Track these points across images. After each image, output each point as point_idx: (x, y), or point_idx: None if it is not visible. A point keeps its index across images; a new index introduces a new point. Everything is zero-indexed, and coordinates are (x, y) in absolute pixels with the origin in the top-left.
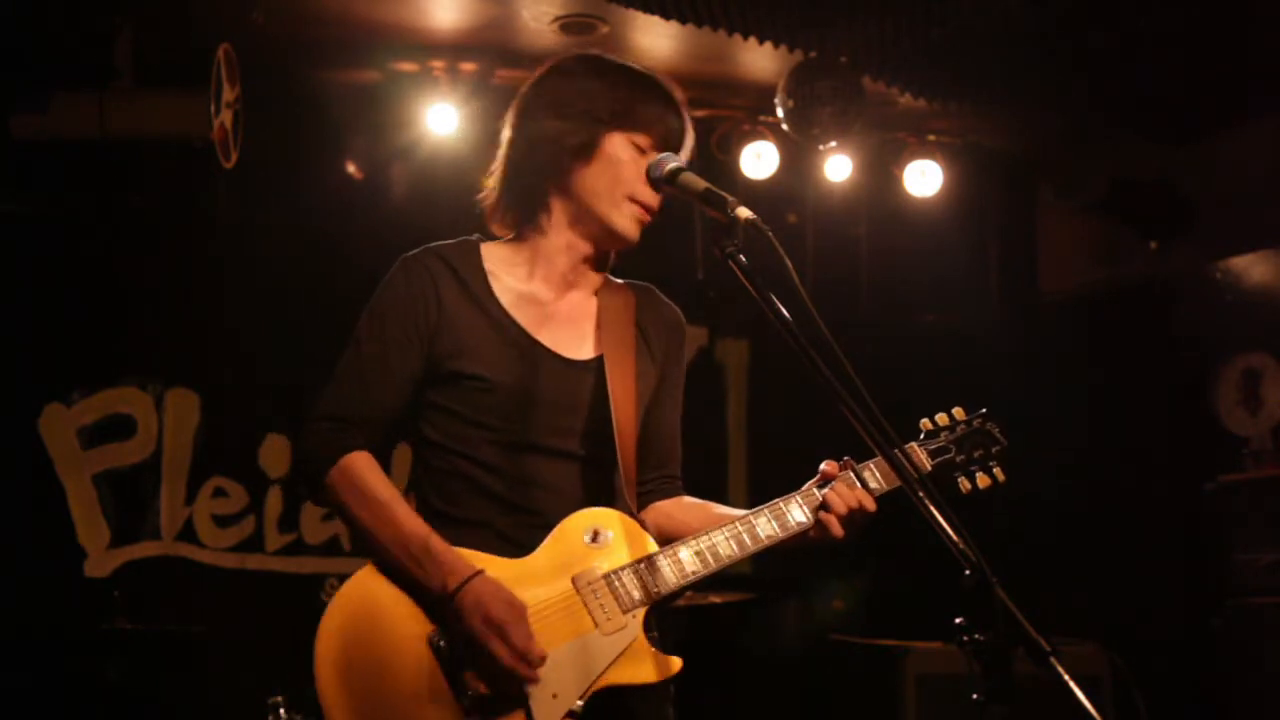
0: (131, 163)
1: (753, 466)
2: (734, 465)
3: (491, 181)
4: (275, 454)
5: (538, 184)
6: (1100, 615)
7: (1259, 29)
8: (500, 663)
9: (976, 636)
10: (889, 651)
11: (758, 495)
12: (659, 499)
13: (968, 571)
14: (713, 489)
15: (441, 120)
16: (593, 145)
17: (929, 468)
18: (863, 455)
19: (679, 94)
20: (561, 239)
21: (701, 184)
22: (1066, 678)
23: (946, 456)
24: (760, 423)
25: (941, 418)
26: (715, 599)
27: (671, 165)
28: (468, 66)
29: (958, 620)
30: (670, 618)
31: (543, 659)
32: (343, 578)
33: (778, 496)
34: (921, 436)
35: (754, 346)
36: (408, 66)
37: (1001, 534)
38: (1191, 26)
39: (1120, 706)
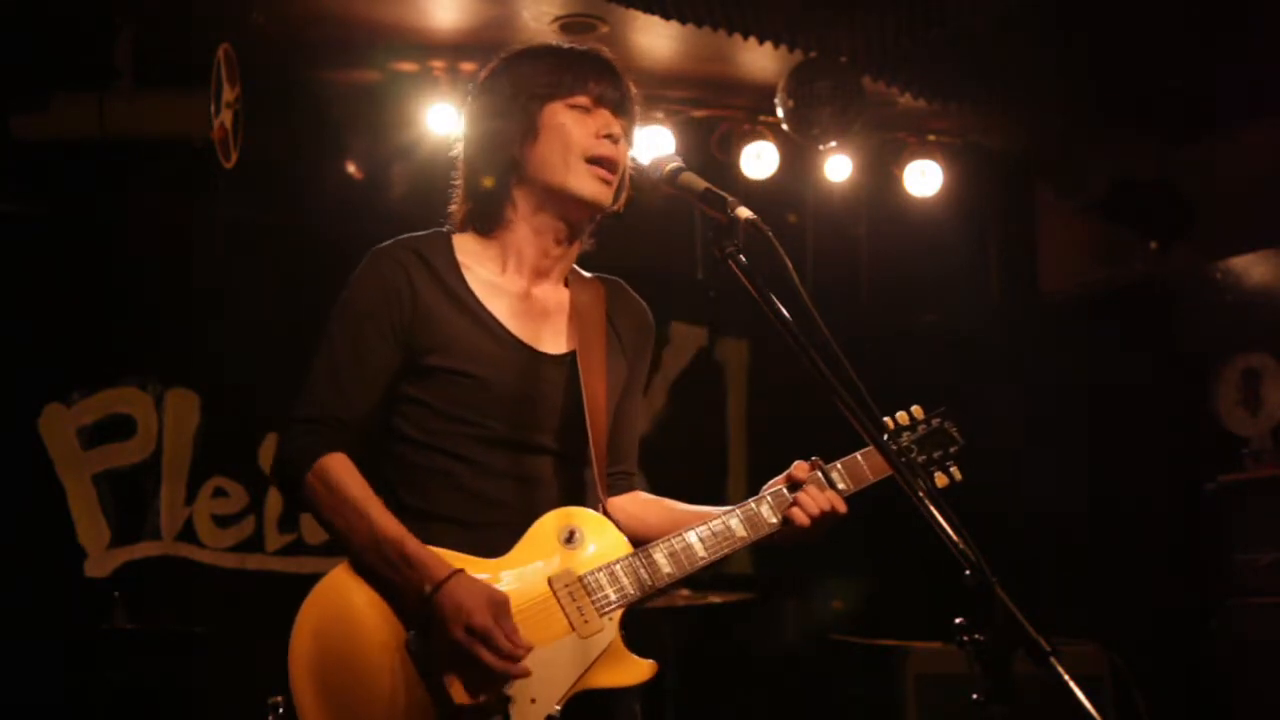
0: (131, 163)
1: (753, 466)
2: (734, 465)
3: (456, 198)
4: None
5: (497, 183)
6: (1100, 615)
7: (1259, 29)
8: (487, 667)
9: (976, 636)
10: (889, 651)
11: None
12: (614, 495)
13: (968, 571)
14: (713, 489)
15: (441, 120)
16: (533, 123)
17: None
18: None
19: (609, 57)
20: (528, 226)
21: (701, 184)
22: (1066, 678)
23: (909, 457)
24: (760, 423)
25: (902, 416)
26: (715, 599)
27: (671, 165)
28: (468, 66)
29: (958, 620)
30: (669, 618)
31: (529, 650)
32: None
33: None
34: (884, 436)
35: (754, 346)
36: (408, 66)
37: (1001, 533)
38: (1191, 26)
39: (1120, 706)
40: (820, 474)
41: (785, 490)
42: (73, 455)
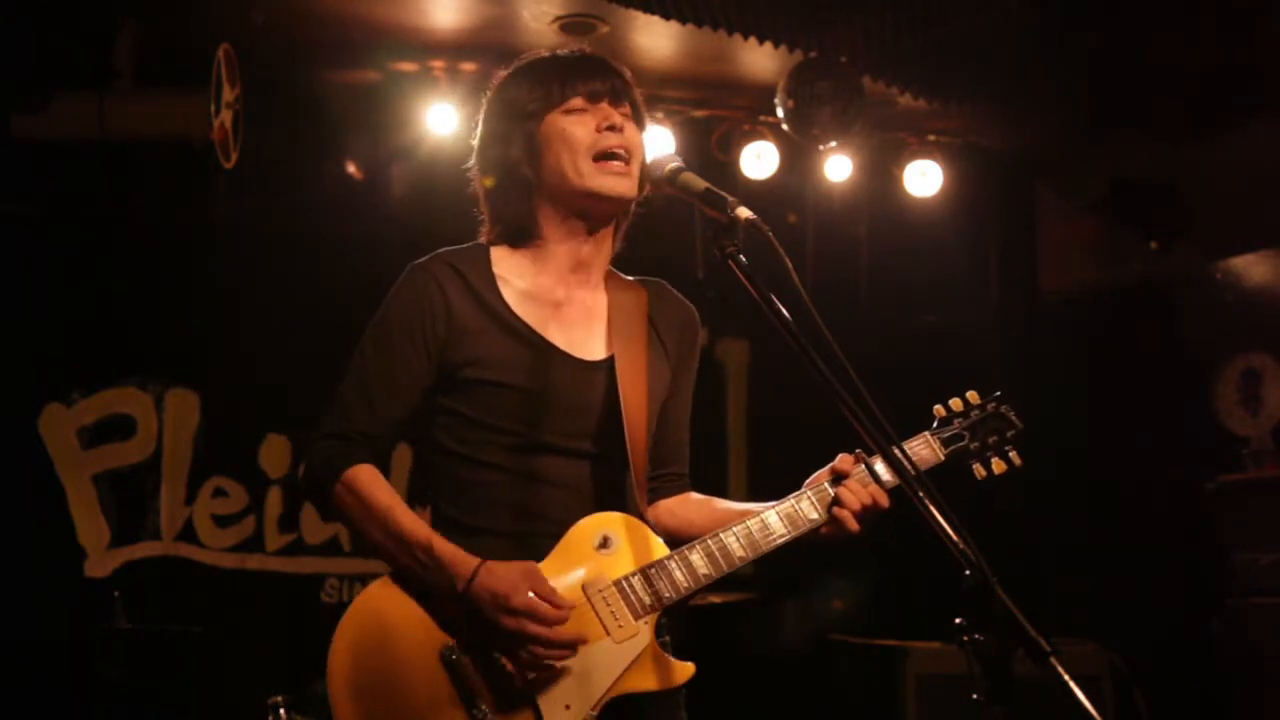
0: (131, 163)
1: (753, 466)
2: (734, 465)
3: (484, 222)
4: (275, 454)
5: (518, 205)
6: (1100, 615)
7: (1259, 29)
8: (538, 639)
9: (976, 636)
10: (889, 651)
11: (758, 495)
12: (664, 497)
13: (968, 571)
14: (713, 489)
15: (441, 120)
16: (534, 140)
17: (942, 457)
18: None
19: (595, 53)
20: (557, 233)
21: (701, 184)
22: (1066, 678)
23: (960, 444)
24: (760, 423)
25: (955, 403)
26: (715, 599)
27: (672, 165)
28: (468, 66)
29: (958, 620)
30: (672, 618)
31: (572, 607)
32: (343, 578)
33: (778, 496)
34: (935, 424)
35: (754, 346)
36: (408, 66)
37: (1001, 533)
38: (1191, 26)
39: (1120, 706)
40: (864, 466)
41: (827, 485)
42: (73, 455)
